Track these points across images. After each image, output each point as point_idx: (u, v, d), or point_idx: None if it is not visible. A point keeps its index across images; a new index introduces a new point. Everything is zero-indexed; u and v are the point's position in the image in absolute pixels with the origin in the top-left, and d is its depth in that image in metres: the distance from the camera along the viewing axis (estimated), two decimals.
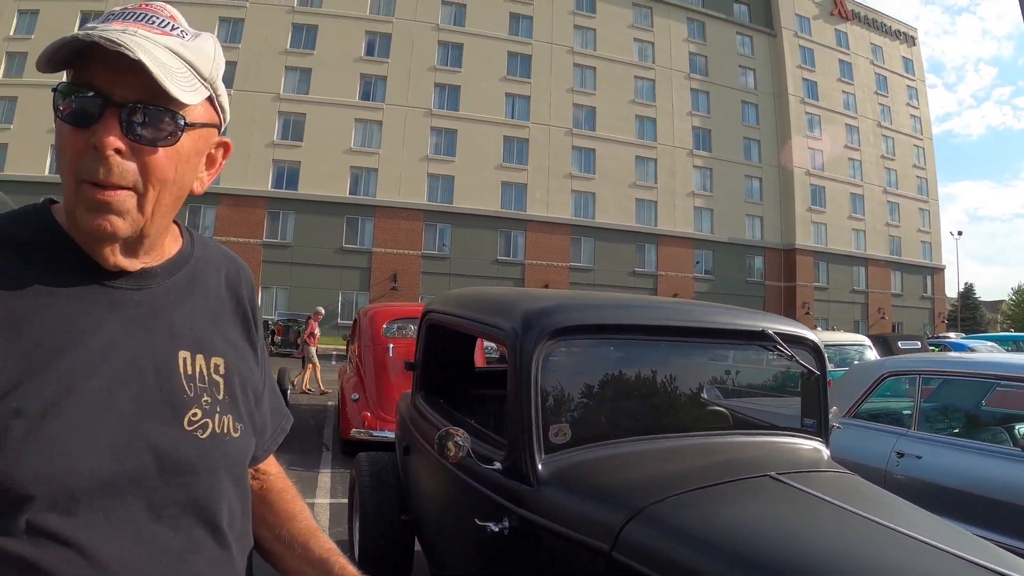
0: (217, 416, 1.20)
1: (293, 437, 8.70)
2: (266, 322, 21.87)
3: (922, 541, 2.29)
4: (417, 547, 4.70)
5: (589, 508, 2.71)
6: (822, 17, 64.08)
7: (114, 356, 1.09)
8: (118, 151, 1.04)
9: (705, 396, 3.94)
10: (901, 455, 5.75)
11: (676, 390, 3.68)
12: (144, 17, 1.10)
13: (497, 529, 2.95)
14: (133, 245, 1.14)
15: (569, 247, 53.23)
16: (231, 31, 50.38)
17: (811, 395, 3.71)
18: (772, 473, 2.86)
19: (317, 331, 17.65)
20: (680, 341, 3.53)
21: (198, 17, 49.34)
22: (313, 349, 17.01)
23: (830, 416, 3.71)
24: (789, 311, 56.25)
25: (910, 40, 69.57)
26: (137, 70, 1.02)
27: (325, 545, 1.42)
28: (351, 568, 1.37)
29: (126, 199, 1.07)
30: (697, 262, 56.70)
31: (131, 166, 1.06)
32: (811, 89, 61.99)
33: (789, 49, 61.59)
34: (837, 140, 62.19)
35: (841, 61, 64.39)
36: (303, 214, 48.60)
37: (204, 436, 1.17)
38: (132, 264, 1.15)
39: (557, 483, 2.88)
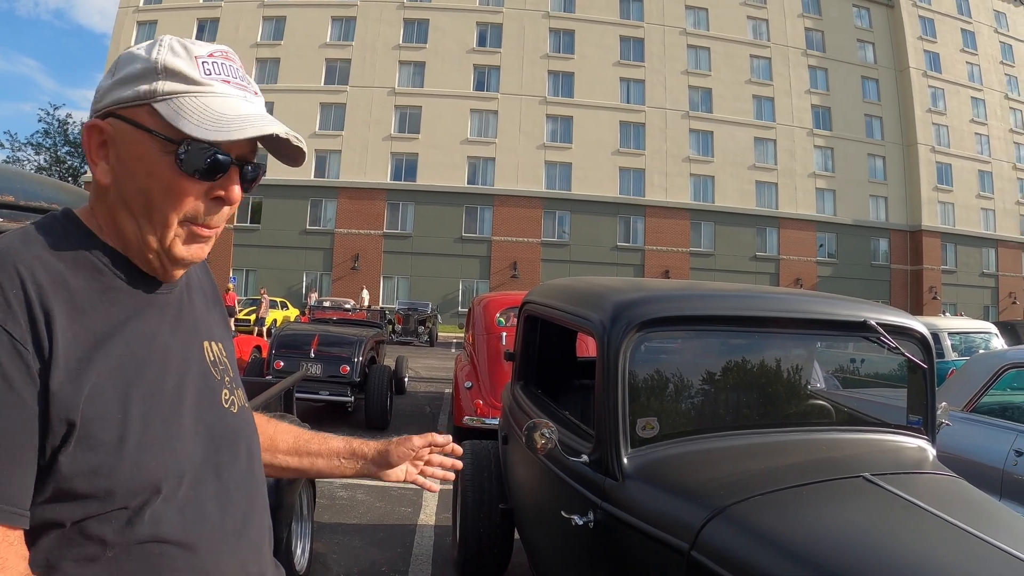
0: (236, 391, 1.37)
1: (408, 423, 12.97)
2: (384, 311, 22.03)
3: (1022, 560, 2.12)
4: (517, 535, 4.74)
5: (672, 505, 2.68)
6: None
7: (171, 355, 1.22)
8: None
9: (808, 389, 3.88)
10: (1020, 453, 5.35)
11: (771, 383, 3.56)
12: (241, 78, 1.23)
13: (581, 522, 2.96)
14: None
15: (689, 232, 52.14)
16: (344, 29, 51.53)
17: (917, 390, 3.52)
18: (867, 474, 2.72)
19: None
20: (775, 332, 3.43)
21: (311, 17, 50.46)
22: None
23: (939, 412, 3.53)
24: (916, 296, 54.84)
25: None
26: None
27: (336, 438, 1.68)
28: (371, 442, 1.69)
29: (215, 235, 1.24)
30: (820, 245, 54.85)
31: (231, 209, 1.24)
32: (933, 61, 59.31)
33: (908, 20, 59.06)
34: (962, 114, 59.44)
35: (963, 30, 61.41)
36: (422, 204, 49.20)
37: (236, 411, 1.34)
38: (179, 274, 1.29)
39: (642, 478, 2.86)
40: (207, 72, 1.17)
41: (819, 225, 54.93)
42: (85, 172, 54.74)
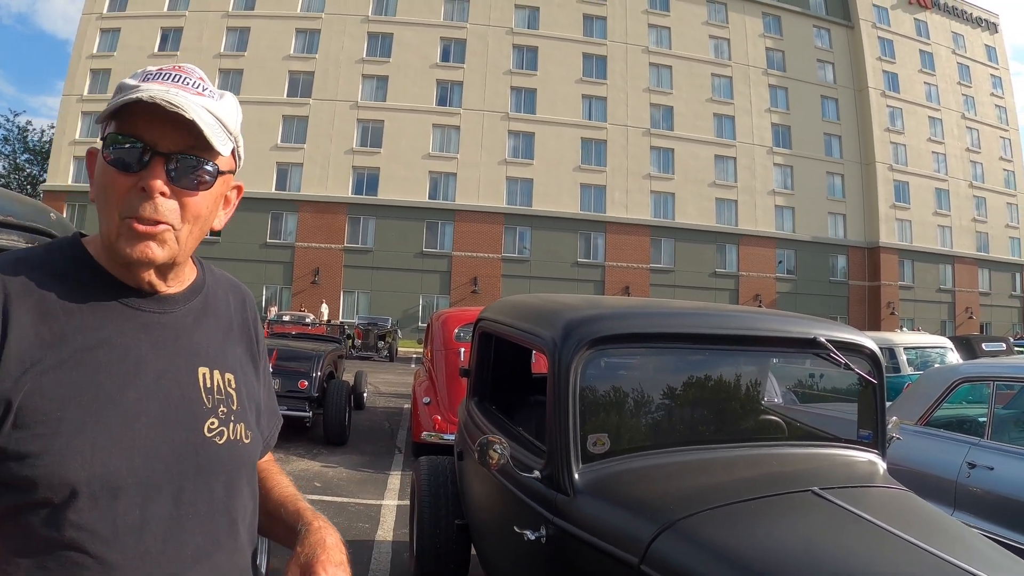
0: (232, 424, 1.36)
1: (367, 438, 12.24)
2: (343, 326, 21.89)
3: (967, 571, 2.15)
4: (473, 551, 4.75)
5: (622, 520, 2.70)
6: (900, 6, 62.42)
7: (144, 371, 1.25)
8: (162, 193, 1.21)
9: (762, 404, 3.91)
10: (973, 465, 5.45)
11: (723, 400, 3.61)
12: (180, 79, 1.26)
13: (534, 537, 2.98)
14: (165, 270, 1.31)
15: (649, 248, 52.40)
16: (308, 42, 51.29)
17: (868, 405, 3.56)
18: (815, 488, 2.76)
19: None
20: (728, 349, 3.46)
21: (275, 29, 50.13)
22: None
23: (889, 427, 3.60)
24: (874, 311, 55.64)
25: (992, 27, 67.46)
26: (180, 125, 1.20)
27: (295, 504, 1.52)
28: (305, 511, 1.49)
29: (164, 231, 1.23)
30: (779, 262, 55.40)
31: (172, 205, 1.23)
32: (892, 81, 60.42)
33: (868, 41, 60.12)
34: (920, 133, 60.46)
35: (922, 51, 62.64)
36: (383, 219, 48.93)
37: (221, 442, 1.32)
38: (161, 286, 1.33)
39: (593, 493, 2.87)
40: (145, 79, 1.24)
41: (778, 242, 55.49)
42: (44, 180, 53.87)
